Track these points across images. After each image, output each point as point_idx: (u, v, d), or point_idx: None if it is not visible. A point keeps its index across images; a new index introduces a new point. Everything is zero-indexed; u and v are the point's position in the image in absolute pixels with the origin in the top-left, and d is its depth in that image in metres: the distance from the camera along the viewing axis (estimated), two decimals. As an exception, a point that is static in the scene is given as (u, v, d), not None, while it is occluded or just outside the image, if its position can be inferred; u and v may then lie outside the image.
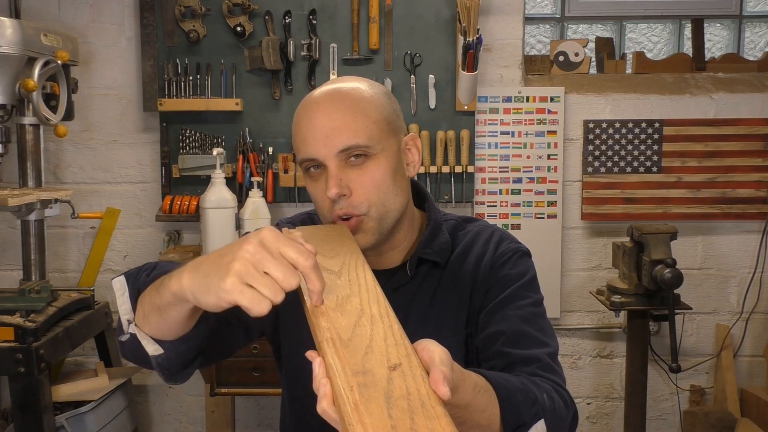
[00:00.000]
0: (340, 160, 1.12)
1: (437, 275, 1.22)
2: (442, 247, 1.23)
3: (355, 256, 1.03)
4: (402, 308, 1.19)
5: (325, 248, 1.04)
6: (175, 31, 2.93)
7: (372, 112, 1.14)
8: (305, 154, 1.14)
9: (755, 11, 3.50)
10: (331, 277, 0.96)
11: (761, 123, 3.02)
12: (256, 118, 2.96)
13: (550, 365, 1.11)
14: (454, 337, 1.19)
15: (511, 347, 1.11)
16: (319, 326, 0.85)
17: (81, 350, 3.07)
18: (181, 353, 1.04)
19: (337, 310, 0.88)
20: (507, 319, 1.15)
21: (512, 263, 1.22)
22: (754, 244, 3.09)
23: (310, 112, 1.14)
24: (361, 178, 1.12)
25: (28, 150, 2.61)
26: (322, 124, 1.12)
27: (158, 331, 1.00)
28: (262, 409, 3.17)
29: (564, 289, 3.10)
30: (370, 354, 0.79)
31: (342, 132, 1.11)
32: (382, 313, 0.88)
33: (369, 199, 1.13)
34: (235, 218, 2.76)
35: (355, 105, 1.13)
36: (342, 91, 1.15)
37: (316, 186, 1.15)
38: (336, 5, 2.93)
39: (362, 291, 0.93)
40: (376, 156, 1.13)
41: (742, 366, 3.14)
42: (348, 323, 0.85)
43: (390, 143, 1.16)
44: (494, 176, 3.03)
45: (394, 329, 0.84)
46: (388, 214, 1.16)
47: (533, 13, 3.48)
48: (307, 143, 1.13)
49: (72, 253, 3.12)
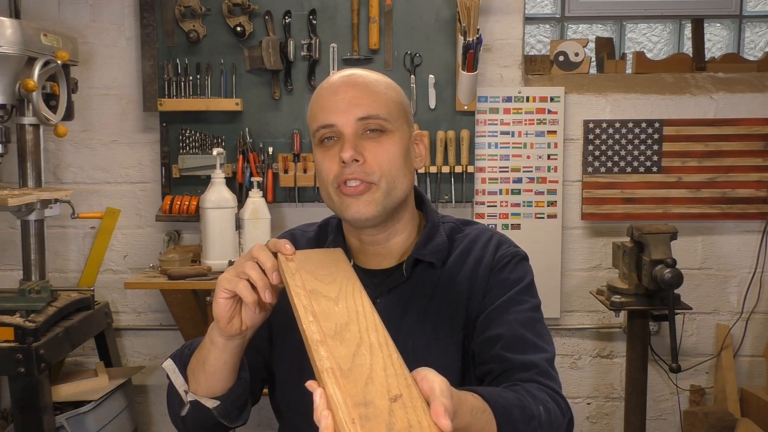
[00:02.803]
0: (357, 130, 1.16)
1: (435, 276, 1.22)
2: (439, 248, 1.23)
3: (351, 281, 1.04)
4: (398, 308, 1.20)
5: (321, 273, 1.05)
6: (175, 31, 2.93)
7: (391, 94, 1.20)
8: (323, 121, 1.17)
9: (755, 11, 3.50)
10: (328, 304, 0.96)
11: (761, 123, 3.02)
12: (256, 118, 2.96)
13: (548, 371, 1.12)
14: (451, 339, 1.19)
15: (509, 352, 1.12)
16: (319, 355, 0.85)
17: (81, 350, 3.07)
18: (235, 399, 1.14)
19: (336, 338, 0.88)
20: (505, 323, 1.15)
21: (511, 267, 1.22)
22: (754, 244, 3.09)
23: (334, 87, 1.19)
24: (376, 149, 1.16)
25: (28, 150, 2.61)
26: (344, 95, 1.17)
27: (209, 386, 1.12)
28: (262, 410, 3.17)
29: (564, 289, 3.10)
30: (371, 385, 0.80)
31: (363, 102, 1.16)
32: (381, 341, 0.88)
33: (381, 169, 1.16)
34: (235, 218, 2.76)
35: (377, 84, 1.19)
36: (364, 74, 1.21)
37: (327, 155, 1.18)
38: (336, 5, 2.93)
39: (360, 318, 0.93)
40: (391, 133, 1.18)
41: (742, 366, 3.14)
42: (347, 352, 0.85)
43: (404, 127, 1.21)
44: (494, 176, 3.03)
45: (394, 358, 0.85)
46: (395, 191, 1.18)
47: (533, 13, 3.48)
48: (327, 110, 1.17)
49: (72, 253, 3.12)
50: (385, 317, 1.16)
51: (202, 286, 2.64)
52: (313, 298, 0.98)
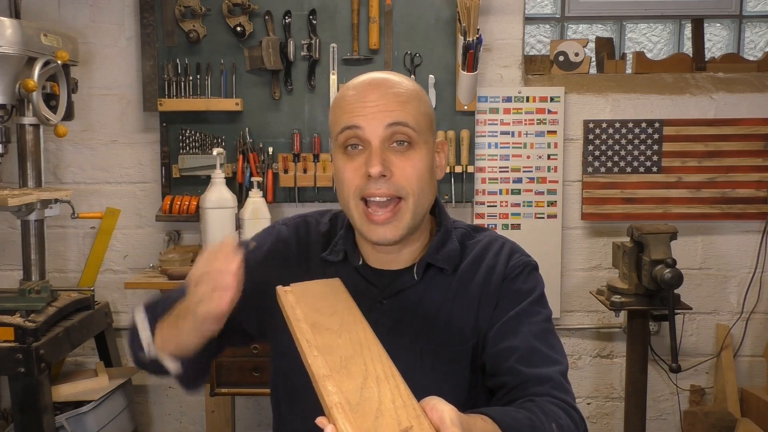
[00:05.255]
0: (384, 140, 1.11)
1: (445, 282, 1.21)
2: (451, 254, 1.22)
3: (352, 312, 1.03)
4: (406, 312, 1.18)
5: (321, 305, 1.04)
6: (175, 31, 2.93)
7: (421, 105, 1.15)
8: (348, 121, 1.12)
9: (755, 11, 3.50)
10: (331, 337, 0.96)
11: (761, 123, 3.02)
12: (256, 118, 2.96)
13: (562, 384, 1.11)
14: (462, 346, 1.17)
15: (523, 365, 1.10)
16: (327, 390, 0.85)
17: (81, 350, 3.07)
18: (195, 366, 1.16)
19: (343, 372, 0.88)
20: (519, 335, 1.14)
21: (524, 278, 1.21)
22: (754, 244, 3.09)
23: (364, 90, 1.13)
24: (403, 164, 1.12)
25: (28, 150, 2.61)
26: (376, 100, 1.11)
27: (176, 351, 1.12)
28: (262, 409, 3.17)
29: (564, 289, 3.10)
30: (381, 418, 0.80)
31: (393, 109, 1.11)
32: (387, 373, 0.88)
33: (410, 185, 1.12)
34: (235, 218, 2.76)
35: (408, 93, 1.14)
36: (394, 79, 1.15)
37: (350, 164, 1.13)
38: (336, 5, 2.93)
39: (365, 350, 0.93)
40: (419, 146, 1.13)
41: (742, 366, 3.14)
42: (355, 386, 0.85)
43: (430, 140, 1.17)
44: (494, 176, 3.03)
45: (401, 389, 0.85)
46: (420, 208, 1.15)
47: (533, 13, 3.48)
48: (354, 113, 1.11)
49: (72, 253, 3.12)
50: (392, 320, 1.16)
51: (202, 286, 2.64)
52: (316, 331, 0.98)
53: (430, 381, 1.15)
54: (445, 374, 1.16)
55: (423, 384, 0.87)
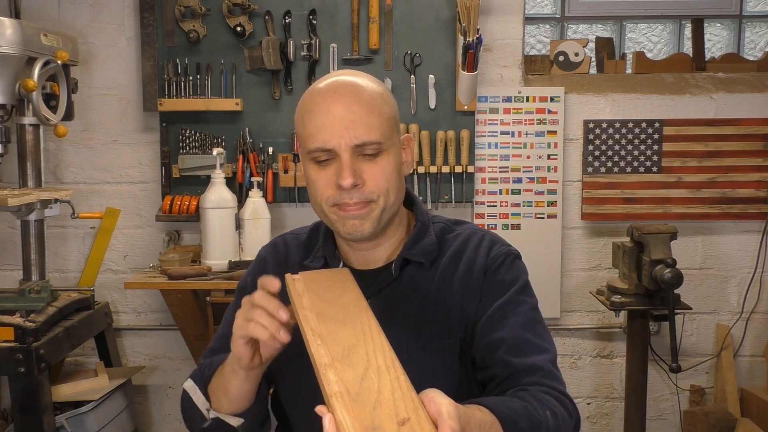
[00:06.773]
0: (353, 152, 1.13)
1: (426, 277, 1.22)
2: (428, 248, 1.23)
3: (358, 303, 1.04)
4: (389, 309, 1.19)
5: (328, 295, 1.05)
6: (175, 31, 2.93)
7: (385, 109, 1.16)
8: (320, 144, 1.13)
9: (755, 11, 3.50)
10: (336, 326, 0.97)
11: (761, 123, 3.02)
12: (256, 118, 2.96)
13: (552, 372, 1.13)
14: (447, 340, 1.18)
15: (513, 356, 1.12)
16: (327, 379, 0.86)
17: (81, 350, 3.07)
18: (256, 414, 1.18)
19: (344, 361, 0.89)
20: (506, 326, 1.15)
21: (506, 268, 1.22)
22: (754, 244, 3.09)
23: (329, 101, 1.14)
24: (373, 170, 1.14)
25: (28, 150, 2.61)
26: (342, 114, 1.12)
27: (232, 408, 1.15)
28: (262, 409, 3.17)
29: (564, 289, 3.09)
30: (379, 409, 0.81)
31: (360, 126, 1.12)
32: (388, 364, 0.89)
33: (379, 189, 1.15)
34: (235, 218, 2.76)
35: (372, 100, 1.15)
36: (359, 85, 1.16)
37: (322, 174, 1.15)
38: (336, 5, 2.93)
39: (368, 340, 0.94)
40: (386, 151, 1.16)
41: (742, 366, 3.14)
42: (355, 376, 0.86)
43: (396, 140, 1.19)
44: (494, 176, 3.03)
45: (401, 381, 0.86)
46: (390, 207, 1.18)
47: (533, 13, 3.48)
48: (324, 132, 1.13)
49: (72, 253, 3.12)
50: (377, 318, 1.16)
51: (202, 286, 2.64)
52: (321, 320, 0.98)
53: (419, 376, 1.15)
54: (433, 369, 1.17)
55: (412, 379, 0.88)
